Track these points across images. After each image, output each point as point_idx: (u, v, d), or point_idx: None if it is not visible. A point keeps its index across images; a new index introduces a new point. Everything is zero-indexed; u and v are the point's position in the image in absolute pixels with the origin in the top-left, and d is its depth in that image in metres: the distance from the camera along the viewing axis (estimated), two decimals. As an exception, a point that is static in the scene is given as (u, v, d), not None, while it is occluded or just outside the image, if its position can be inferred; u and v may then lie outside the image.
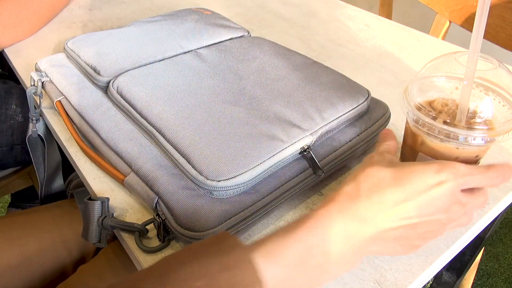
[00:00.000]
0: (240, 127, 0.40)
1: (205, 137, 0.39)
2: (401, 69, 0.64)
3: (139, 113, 0.43)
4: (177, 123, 0.41)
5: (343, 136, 0.44)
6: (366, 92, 0.47)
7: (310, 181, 0.41)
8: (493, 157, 0.48)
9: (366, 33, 0.74)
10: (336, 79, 0.48)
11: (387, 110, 0.48)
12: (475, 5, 0.84)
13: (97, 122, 0.46)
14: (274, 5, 0.85)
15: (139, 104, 0.44)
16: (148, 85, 0.46)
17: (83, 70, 0.53)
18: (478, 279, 1.19)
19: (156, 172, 0.39)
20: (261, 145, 0.38)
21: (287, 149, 0.39)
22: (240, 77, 0.48)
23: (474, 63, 0.34)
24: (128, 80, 0.47)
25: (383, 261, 0.37)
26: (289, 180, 0.39)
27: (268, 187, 0.38)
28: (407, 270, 0.36)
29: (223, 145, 0.38)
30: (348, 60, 0.66)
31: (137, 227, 0.37)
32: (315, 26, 0.77)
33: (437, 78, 0.38)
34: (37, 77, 0.53)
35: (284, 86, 0.47)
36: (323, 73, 0.49)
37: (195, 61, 0.52)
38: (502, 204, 0.43)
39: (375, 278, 0.36)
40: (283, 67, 0.50)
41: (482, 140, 0.34)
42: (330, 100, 0.44)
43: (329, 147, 0.42)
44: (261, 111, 0.43)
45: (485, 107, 0.36)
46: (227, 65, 0.51)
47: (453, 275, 0.81)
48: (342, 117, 0.43)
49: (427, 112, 0.35)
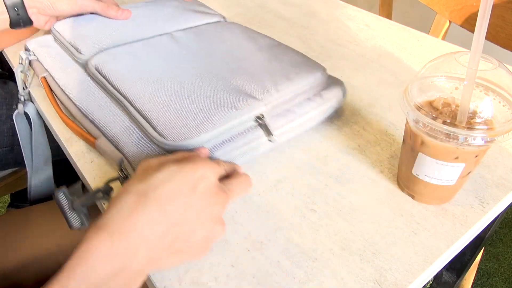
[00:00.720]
0: (202, 98, 0.45)
1: (168, 105, 0.44)
2: (401, 69, 0.64)
3: (112, 86, 0.48)
4: (145, 94, 0.46)
5: (299, 109, 0.48)
6: (322, 69, 0.51)
7: (265, 146, 0.46)
8: (493, 157, 0.48)
9: (366, 33, 0.74)
10: (296, 58, 0.53)
11: (343, 86, 0.52)
12: (475, 5, 0.84)
13: (76, 94, 0.50)
14: (274, 5, 0.85)
15: (113, 78, 0.49)
16: (123, 62, 0.51)
17: (66, 49, 0.57)
18: (478, 279, 1.19)
19: (123, 135, 0.44)
20: (219, 112, 0.43)
21: (241, 116, 0.44)
22: (209, 56, 0.53)
23: (476, 63, 0.34)
24: (105, 57, 0.52)
25: (383, 261, 0.37)
26: (244, 145, 0.44)
27: (224, 149, 0.43)
28: (407, 270, 0.36)
29: (184, 112, 0.43)
30: (348, 60, 0.66)
31: (100, 188, 0.39)
32: (315, 26, 0.77)
33: (437, 78, 0.38)
34: (25, 56, 0.58)
35: (247, 64, 0.51)
36: (285, 53, 0.54)
37: (170, 42, 0.56)
38: (502, 204, 0.43)
39: (375, 278, 0.36)
40: (249, 48, 0.55)
41: (482, 140, 0.34)
42: (287, 76, 0.49)
43: (286, 118, 0.47)
44: (223, 84, 0.47)
45: (485, 107, 0.36)
46: (199, 46, 0.56)
47: (453, 275, 0.81)
48: (296, 91, 0.48)
49: (427, 112, 0.35)
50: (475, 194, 0.43)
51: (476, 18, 0.32)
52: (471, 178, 0.45)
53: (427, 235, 0.39)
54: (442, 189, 0.40)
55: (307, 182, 0.44)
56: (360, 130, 0.51)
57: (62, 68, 0.54)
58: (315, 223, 0.40)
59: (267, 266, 0.37)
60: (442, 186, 0.39)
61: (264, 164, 0.47)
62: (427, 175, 0.39)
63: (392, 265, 0.36)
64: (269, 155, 0.48)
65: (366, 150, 0.48)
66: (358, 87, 0.59)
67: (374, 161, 0.47)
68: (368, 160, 0.47)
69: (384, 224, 0.40)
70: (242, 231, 0.39)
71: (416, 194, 0.42)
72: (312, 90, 0.50)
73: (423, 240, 0.38)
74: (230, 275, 0.36)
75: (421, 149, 0.38)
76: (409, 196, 0.43)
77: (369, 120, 0.53)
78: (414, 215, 0.41)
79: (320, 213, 0.41)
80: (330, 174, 0.45)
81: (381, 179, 0.45)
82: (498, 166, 0.46)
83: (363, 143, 0.49)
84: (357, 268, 0.36)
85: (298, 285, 0.35)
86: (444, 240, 0.39)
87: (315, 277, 0.36)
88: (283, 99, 0.47)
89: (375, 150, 0.48)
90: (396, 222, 0.40)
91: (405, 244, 0.38)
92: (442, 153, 0.36)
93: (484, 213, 0.41)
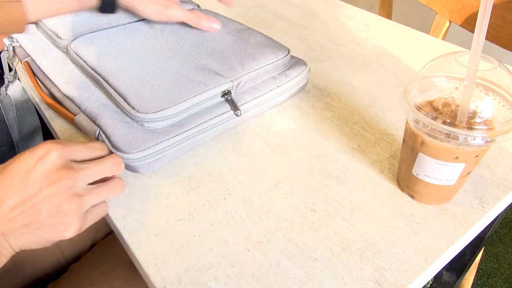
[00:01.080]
0: (172, 75, 0.49)
1: (141, 82, 0.48)
2: (401, 69, 0.64)
3: (89, 66, 0.51)
4: (119, 72, 0.49)
5: (264, 86, 0.52)
6: (286, 50, 0.55)
7: (231, 119, 0.50)
8: (493, 157, 0.48)
9: (366, 33, 0.74)
10: (263, 40, 0.56)
11: (306, 66, 0.56)
12: (475, 5, 0.84)
13: (56, 75, 0.54)
14: (274, 5, 0.85)
15: (91, 59, 0.52)
16: (100, 45, 0.55)
17: (47, 35, 0.60)
18: (478, 279, 1.19)
19: (99, 109, 0.47)
20: (187, 88, 0.47)
21: (209, 91, 0.47)
22: (181, 38, 0.57)
23: (476, 63, 0.34)
24: (84, 41, 0.56)
25: (383, 261, 0.37)
26: (211, 118, 0.48)
27: (192, 123, 0.46)
28: (407, 270, 0.36)
29: (155, 88, 0.47)
30: (348, 60, 0.66)
31: None
32: (315, 26, 0.77)
33: (437, 78, 0.38)
34: (8, 42, 0.61)
35: (216, 45, 0.55)
36: (253, 36, 0.58)
37: (144, 26, 0.60)
38: (502, 204, 0.43)
39: (375, 278, 0.36)
40: (219, 31, 0.59)
41: (482, 140, 0.34)
42: (253, 56, 0.53)
43: (251, 94, 0.51)
44: (192, 63, 0.51)
45: (485, 107, 0.36)
46: (171, 29, 0.59)
47: (453, 275, 0.81)
48: (261, 69, 0.52)
49: (427, 112, 0.35)
50: (475, 194, 0.43)
51: (476, 18, 0.32)
52: (471, 178, 0.45)
53: (427, 235, 0.39)
54: (442, 189, 0.40)
55: (307, 182, 0.44)
56: (360, 130, 0.51)
57: (43, 53, 0.58)
58: (315, 223, 0.40)
59: (267, 266, 0.37)
60: (442, 186, 0.39)
61: (264, 164, 0.47)
62: (427, 175, 0.39)
63: (392, 265, 0.36)
64: (269, 155, 0.48)
65: (366, 150, 0.48)
66: (358, 87, 0.59)
67: (374, 161, 0.47)
68: (368, 160, 0.47)
69: (384, 224, 0.40)
70: (242, 231, 0.39)
71: (416, 194, 0.42)
72: (277, 70, 0.54)
73: (423, 240, 0.38)
74: (230, 275, 0.36)
75: (421, 149, 0.38)
76: (409, 196, 0.43)
77: (369, 120, 0.53)
78: (414, 215, 0.41)
79: (320, 213, 0.41)
80: (330, 174, 0.45)
81: (381, 179, 0.45)
82: (498, 166, 0.46)
83: (363, 143, 0.49)
84: (357, 268, 0.36)
85: (298, 285, 0.35)
86: (444, 240, 0.39)
87: (315, 277, 0.36)
88: (249, 77, 0.51)
89: (375, 150, 0.48)
90: (396, 222, 0.40)
91: (405, 244, 0.38)
92: (442, 153, 0.36)
93: (484, 213, 0.41)
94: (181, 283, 0.35)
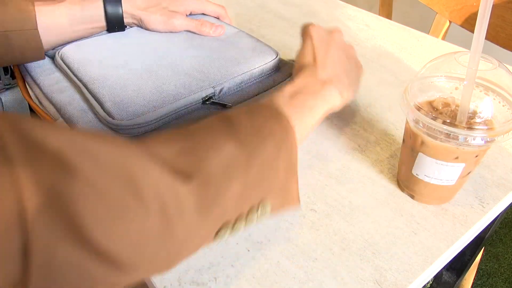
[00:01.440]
0: (152, 82, 0.49)
1: (120, 89, 0.48)
2: (401, 69, 0.64)
3: (72, 72, 0.52)
4: (100, 78, 0.49)
5: (251, 89, 0.52)
6: (274, 54, 0.55)
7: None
8: (493, 157, 0.48)
9: (366, 33, 0.74)
10: (251, 45, 0.56)
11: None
12: (475, 5, 0.84)
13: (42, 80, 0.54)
14: (274, 5, 0.85)
15: (75, 65, 0.53)
16: (87, 51, 0.55)
17: None
18: (478, 279, 1.19)
19: (78, 115, 0.48)
20: (164, 95, 0.47)
21: (186, 98, 0.47)
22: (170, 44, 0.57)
23: (476, 63, 0.34)
24: (71, 48, 0.56)
25: (383, 261, 0.37)
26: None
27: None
28: (407, 270, 0.36)
29: (133, 95, 0.47)
30: (348, 60, 0.66)
31: None
32: (315, 26, 0.77)
33: (437, 78, 0.38)
34: None
35: (202, 51, 0.55)
36: (242, 40, 0.57)
37: (135, 33, 0.59)
38: (502, 204, 0.43)
39: (375, 278, 0.36)
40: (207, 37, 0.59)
41: (482, 140, 0.34)
42: (238, 60, 0.53)
43: (238, 97, 0.51)
44: (175, 69, 0.51)
45: (485, 107, 0.36)
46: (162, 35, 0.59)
47: (453, 275, 0.81)
48: (245, 74, 0.52)
49: (427, 112, 0.35)
50: (475, 194, 0.43)
51: (476, 18, 0.32)
52: (471, 178, 0.45)
53: (427, 235, 0.39)
54: (442, 189, 0.40)
55: (307, 182, 0.44)
56: (360, 130, 0.51)
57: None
58: (315, 223, 0.40)
59: (267, 266, 0.37)
60: (442, 186, 0.39)
61: (264, 164, 0.47)
62: (427, 175, 0.39)
63: (392, 265, 0.36)
64: (269, 155, 0.48)
65: (366, 150, 0.48)
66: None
67: (374, 161, 0.47)
68: (368, 160, 0.47)
69: (384, 224, 0.40)
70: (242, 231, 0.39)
71: (416, 194, 0.42)
72: (264, 73, 0.54)
73: (423, 240, 0.38)
74: (230, 275, 0.36)
75: (421, 149, 0.38)
76: (409, 196, 0.43)
77: (369, 120, 0.53)
78: (414, 215, 0.41)
79: (320, 213, 0.41)
80: (330, 174, 0.45)
81: (381, 179, 0.45)
82: (498, 166, 0.46)
83: (363, 143, 0.49)
84: (357, 268, 0.36)
85: (298, 285, 0.35)
86: (444, 240, 0.39)
87: (315, 277, 0.36)
88: (233, 82, 0.51)
89: (375, 150, 0.48)
90: (396, 222, 0.40)
91: (405, 244, 0.38)
92: (442, 153, 0.36)
93: (484, 213, 0.41)
94: (181, 283, 0.35)
